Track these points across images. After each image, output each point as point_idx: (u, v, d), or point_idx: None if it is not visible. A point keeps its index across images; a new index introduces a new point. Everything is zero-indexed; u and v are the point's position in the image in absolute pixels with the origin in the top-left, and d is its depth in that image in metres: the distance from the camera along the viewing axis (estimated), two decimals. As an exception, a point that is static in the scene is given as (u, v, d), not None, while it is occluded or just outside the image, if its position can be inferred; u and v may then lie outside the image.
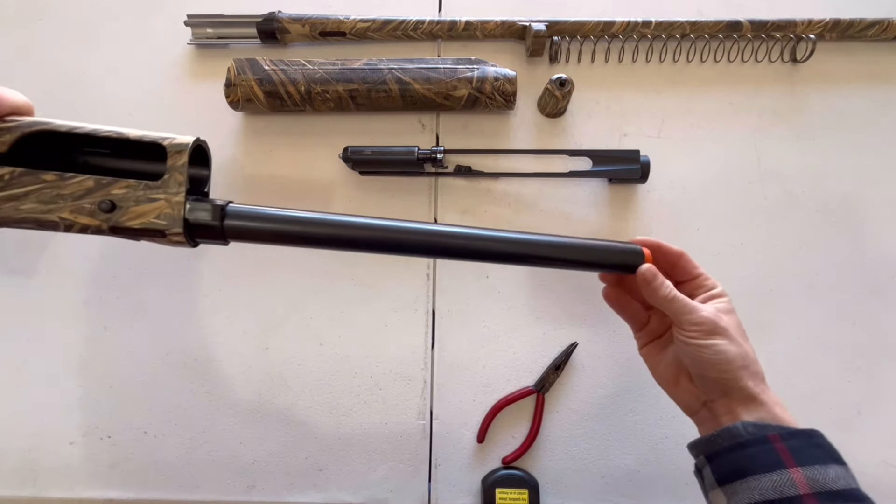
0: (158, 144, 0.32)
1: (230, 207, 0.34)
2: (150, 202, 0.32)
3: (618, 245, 0.41)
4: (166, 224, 0.32)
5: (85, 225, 0.32)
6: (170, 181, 0.32)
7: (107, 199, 0.32)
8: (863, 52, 0.59)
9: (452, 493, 0.52)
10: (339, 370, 0.53)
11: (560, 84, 0.53)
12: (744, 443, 0.36)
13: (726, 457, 0.36)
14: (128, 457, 0.52)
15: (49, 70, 0.60)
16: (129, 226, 0.32)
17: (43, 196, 0.31)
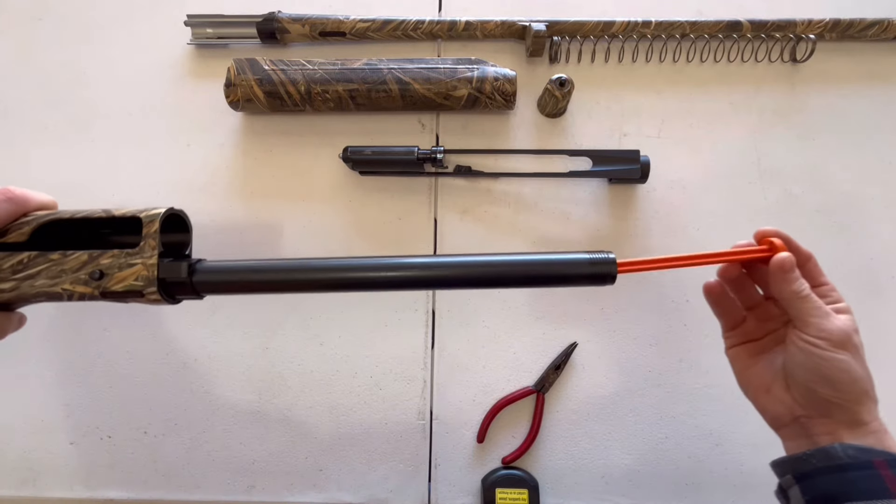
0: (136, 218, 0.37)
1: (199, 265, 0.38)
2: (130, 267, 0.37)
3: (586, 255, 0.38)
4: (143, 285, 0.37)
5: (82, 293, 0.37)
6: (145, 247, 0.37)
7: (96, 269, 0.37)
8: (863, 52, 0.59)
9: (452, 493, 0.52)
10: (339, 370, 0.53)
11: (560, 84, 0.53)
12: (843, 465, 0.32)
13: (821, 479, 0.33)
14: (128, 457, 0.52)
15: (49, 70, 0.60)
16: (115, 290, 0.37)
17: (50, 272, 0.37)
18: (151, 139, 0.58)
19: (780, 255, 0.38)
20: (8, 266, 0.37)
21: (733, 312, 0.42)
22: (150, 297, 0.37)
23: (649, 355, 0.53)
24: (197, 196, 0.56)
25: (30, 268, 0.37)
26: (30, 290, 0.37)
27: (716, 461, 0.52)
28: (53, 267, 0.37)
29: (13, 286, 0.37)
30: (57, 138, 0.58)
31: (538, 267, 0.38)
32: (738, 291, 0.42)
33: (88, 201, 0.57)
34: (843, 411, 0.34)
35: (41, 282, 0.37)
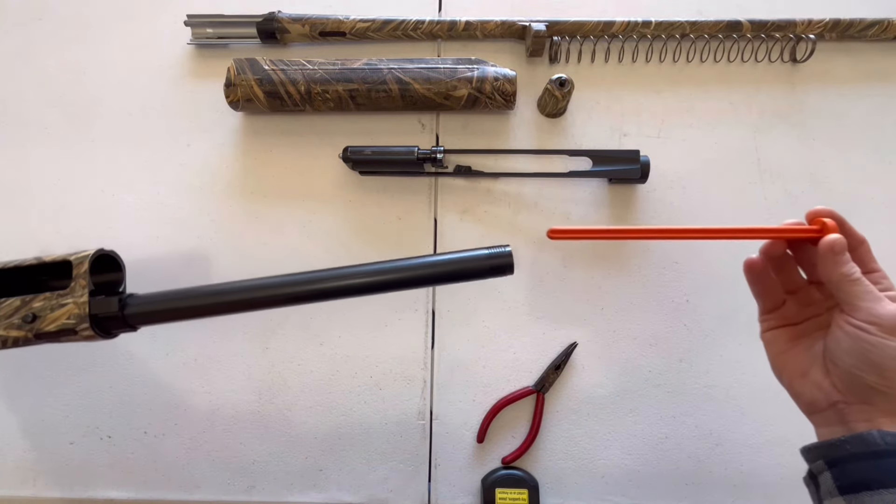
0: (66, 261, 0.39)
1: (130, 298, 0.39)
2: (62, 307, 0.38)
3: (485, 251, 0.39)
4: (75, 322, 0.38)
5: (16, 337, 0.38)
6: (76, 287, 0.38)
7: (29, 312, 0.38)
8: (863, 52, 0.59)
9: (452, 493, 0.52)
10: (339, 370, 0.53)
11: (560, 84, 0.53)
12: (879, 452, 0.31)
13: (855, 465, 0.32)
14: (128, 457, 0.52)
15: (49, 70, 0.60)
16: (48, 330, 0.38)
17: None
18: (151, 139, 0.58)
19: (830, 236, 0.36)
20: None
21: (773, 294, 0.41)
22: (83, 333, 0.38)
23: (649, 355, 0.53)
24: (197, 196, 0.56)
25: None
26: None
27: (716, 461, 0.52)
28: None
29: None
30: (57, 138, 0.59)
31: (443, 266, 0.40)
32: (779, 273, 0.41)
33: (88, 201, 0.57)
34: (887, 399, 0.33)
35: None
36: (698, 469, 0.52)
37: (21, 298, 0.39)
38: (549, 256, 0.54)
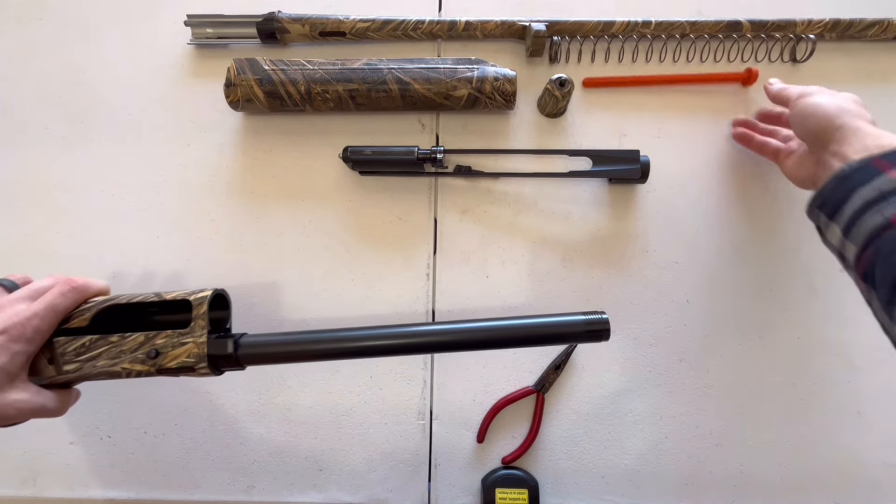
0: (186, 301, 0.41)
1: (242, 340, 0.41)
2: (182, 346, 0.40)
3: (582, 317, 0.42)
4: (195, 361, 0.40)
5: (139, 371, 0.40)
6: (195, 327, 0.40)
7: (153, 348, 0.40)
8: (863, 52, 0.59)
9: (452, 493, 0.52)
10: (339, 370, 0.53)
11: (560, 84, 0.53)
12: (847, 174, 0.37)
13: (832, 193, 0.38)
14: (128, 457, 0.53)
15: (49, 70, 0.60)
16: (169, 366, 0.40)
17: (110, 353, 0.40)
18: (151, 139, 0.58)
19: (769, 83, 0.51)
20: (72, 349, 0.40)
21: (766, 148, 0.53)
22: (200, 371, 0.40)
23: (649, 355, 0.53)
24: (197, 196, 0.56)
25: (92, 350, 0.40)
26: (92, 370, 0.40)
27: (716, 461, 0.52)
28: (113, 348, 0.40)
29: (77, 367, 0.40)
30: (57, 138, 0.58)
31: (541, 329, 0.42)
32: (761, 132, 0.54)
33: (88, 201, 0.57)
34: (836, 130, 0.41)
35: (102, 362, 0.40)
36: (698, 469, 0.52)
37: (145, 334, 0.41)
38: (549, 256, 0.54)
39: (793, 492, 0.51)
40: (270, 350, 0.41)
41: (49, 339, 0.40)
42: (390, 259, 0.55)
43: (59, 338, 0.40)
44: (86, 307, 0.41)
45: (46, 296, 0.40)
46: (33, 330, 0.38)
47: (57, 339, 0.40)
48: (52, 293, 0.40)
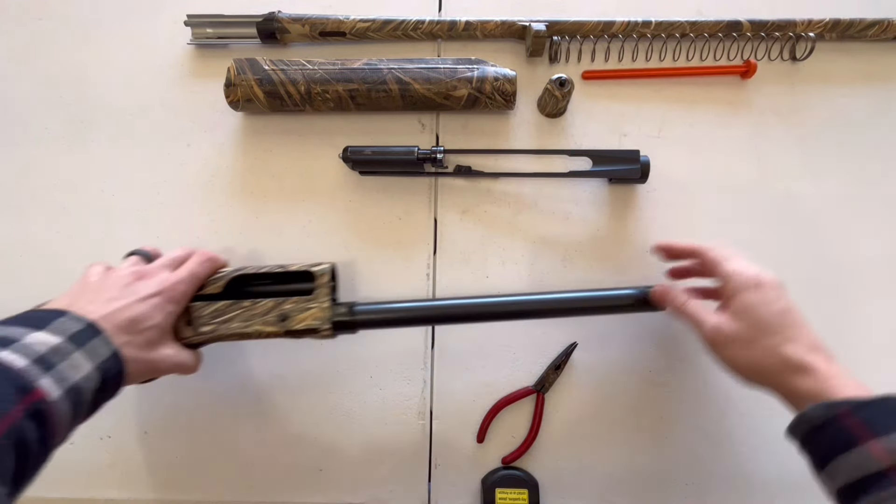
0: (309, 272, 0.46)
1: (356, 307, 0.47)
2: (308, 310, 0.45)
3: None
4: (319, 324, 0.45)
5: (269, 332, 0.45)
6: (319, 294, 0.46)
7: (281, 312, 0.45)
8: (863, 52, 0.59)
9: (452, 493, 0.52)
10: (339, 370, 0.53)
11: (560, 84, 0.53)
12: (819, 426, 0.35)
13: (814, 445, 0.36)
14: (128, 457, 0.52)
15: (49, 70, 0.60)
16: (296, 328, 0.45)
17: (243, 317, 0.45)
18: (151, 139, 0.58)
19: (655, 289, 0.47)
20: (207, 313, 0.45)
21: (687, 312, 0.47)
22: (323, 332, 0.45)
23: (649, 355, 0.53)
24: (197, 196, 0.56)
25: (226, 314, 0.45)
26: (226, 331, 0.45)
27: (716, 461, 0.52)
28: (245, 312, 0.45)
29: (212, 328, 0.45)
30: (57, 138, 0.58)
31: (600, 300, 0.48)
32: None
33: (88, 201, 0.57)
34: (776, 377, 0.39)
35: (235, 324, 0.45)
36: (698, 469, 0.52)
37: (274, 300, 0.45)
38: (549, 256, 0.54)
39: (793, 492, 0.51)
40: (380, 316, 0.47)
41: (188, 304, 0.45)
42: (390, 259, 0.55)
43: (195, 303, 0.45)
44: (218, 276, 0.46)
45: (188, 264, 0.45)
46: (181, 294, 0.43)
47: (193, 304, 0.45)
48: (192, 262, 0.45)
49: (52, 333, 0.34)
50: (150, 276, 0.43)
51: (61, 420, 0.33)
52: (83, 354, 0.35)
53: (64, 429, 0.34)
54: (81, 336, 0.35)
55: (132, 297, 0.41)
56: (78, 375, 0.34)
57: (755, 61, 0.57)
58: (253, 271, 0.47)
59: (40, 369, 0.32)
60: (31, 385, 0.31)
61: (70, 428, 0.35)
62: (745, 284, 0.41)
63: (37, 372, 0.32)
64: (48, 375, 0.32)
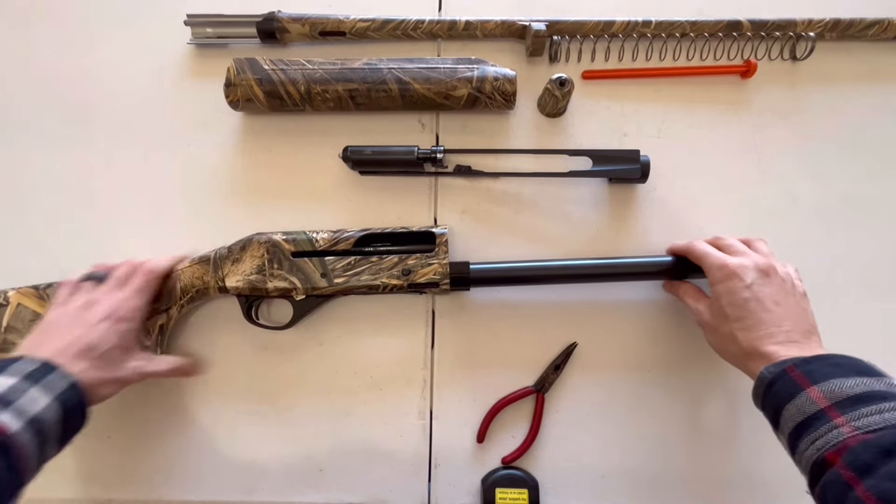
0: (430, 232, 0.51)
1: (472, 266, 0.50)
2: (429, 266, 0.49)
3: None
4: (439, 279, 0.49)
5: (394, 285, 0.49)
6: (438, 252, 0.50)
7: (406, 267, 0.49)
8: (863, 51, 0.59)
9: (452, 493, 0.52)
10: (339, 370, 0.53)
11: (560, 84, 0.53)
12: (769, 382, 0.39)
13: (767, 402, 0.40)
14: (128, 457, 0.52)
15: (49, 70, 0.60)
16: (419, 282, 0.49)
17: (371, 270, 0.50)
18: (151, 139, 0.58)
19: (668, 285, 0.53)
20: (340, 266, 0.50)
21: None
22: (443, 287, 0.49)
23: (649, 355, 0.53)
24: (197, 196, 0.56)
25: (356, 267, 0.50)
26: (357, 283, 0.49)
27: (716, 461, 0.52)
28: (373, 266, 0.50)
29: (345, 280, 0.50)
30: (56, 138, 0.58)
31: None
32: None
33: (88, 201, 0.57)
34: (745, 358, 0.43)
35: (365, 277, 0.49)
36: (698, 469, 0.52)
37: (398, 256, 0.50)
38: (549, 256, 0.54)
39: (793, 492, 0.51)
40: (492, 274, 0.51)
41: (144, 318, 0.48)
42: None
43: (329, 257, 0.50)
44: (348, 234, 0.50)
45: (133, 280, 0.47)
46: (132, 309, 0.46)
47: (327, 258, 0.50)
48: (136, 278, 0.47)
49: (8, 376, 0.37)
50: (99, 301, 0.45)
51: (25, 451, 0.35)
52: (40, 389, 0.37)
53: (32, 459, 0.36)
54: (37, 374, 0.38)
55: (84, 326, 0.43)
56: (36, 408, 0.36)
57: (755, 61, 0.57)
58: (378, 231, 0.51)
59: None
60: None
61: (40, 458, 0.37)
62: (716, 277, 0.45)
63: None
64: (7, 411, 0.35)
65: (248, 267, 0.50)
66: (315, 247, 0.50)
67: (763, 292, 0.43)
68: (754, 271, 0.44)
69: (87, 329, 0.43)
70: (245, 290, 0.50)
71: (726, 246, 0.48)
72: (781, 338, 0.41)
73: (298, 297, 0.50)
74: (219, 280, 0.50)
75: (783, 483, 0.51)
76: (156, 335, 0.50)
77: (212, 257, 0.51)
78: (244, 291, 0.50)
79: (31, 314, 0.49)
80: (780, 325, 0.42)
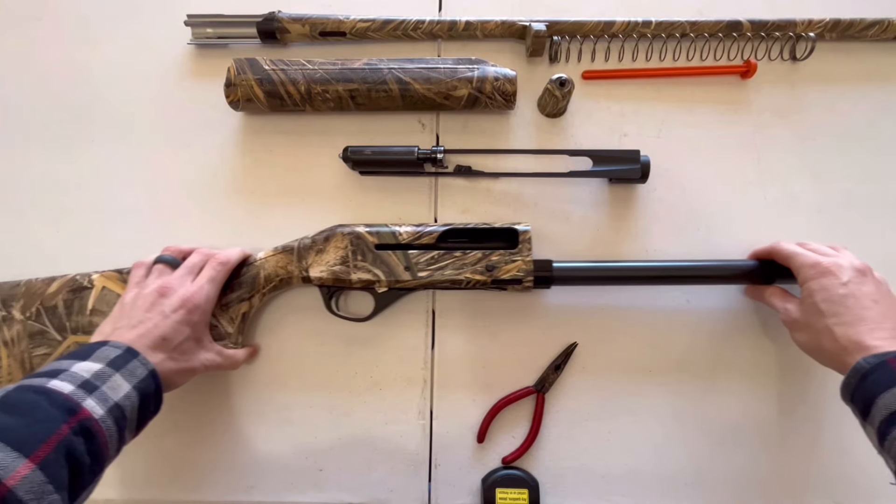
0: (513, 229, 0.50)
1: (554, 264, 0.50)
2: (512, 263, 0.49)
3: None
4: (523, 275, 0.49)
5: (478, 280, 0.49)
6: (522, 249, 0.49)
7: (489, 263, 0.49)
8: (863, 52, 0.59)
9: (452, 493, 0.52)
10: (339, 370, 0.53)
11: (560, 84, 0.53)
12: (865, 373, 0.39)
13: (858, 393, 0.39)
14: (128, 457, 0.52)
15: (49, 70, 0.60)
16: (502, 278, 0.49)
17: (455, 265, 0.50)
18: (151, 139, 0.58)
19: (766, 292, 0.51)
20: (424, 260, 0.50)
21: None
22: (526, 284, 0.49)
23: (649, 355, 0.53)
24: (197, 196, 0.56)
25: (440, 262, 0.50)
26: (440, 277, 0.49)
27: (716, 461, 0.52)
28: (457, 261, 0.50)
29: (429, 274, 0.49)
30: (57, 138, 0.58)
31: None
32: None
33: (88, 201, 0.57)
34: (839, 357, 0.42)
35: (448, 271, 0.49)
36: (698, 469, 0.52)
37: (482, 252, 0.49)
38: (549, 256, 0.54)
39: (793, 492, 0.51)
40: (575, 273, 0.51)
41: None
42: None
43: (412, 250, 0.50)
44: (431, 228, 0.51)
45: (205, 271, 0.48)
46: (205, 299, 0.46)
47: (411, 252, 0.50)
48: (207, 268, 0.48)
49: (95, 361, 0.38)
50: (173, 290, 0.46)
51: (108, 435, 0.36)
52: (122, 376, 0.39)
53: (112, 443, 0.37)
54: (119, 360, 0.39)
55: (159, 316, 0.44)
56: (119, 395, 0.38)
57: (755, 61, 0.57)
58: (460, 226, 0.51)
59: (85, 392, 0.36)
60: (77, 406, 0.35)
61: (119, 443, 0.38)
62: (808, 274, 0.45)
63: (82, 394, 0.36)
64: (92, 397, 0.36)
65: (331, 258, 0.50)
66: (398, 240, 0.50)
67: (861, 290, 0.43)
68: (850, 270, 0.44)
69: (161, 318, 0.44)
70: (328, 280, 0.50)
71: (814, 249, 0.48)
72: (885, 333, 0.41)
73: (381, 289, 0.50)
74: (303, 270, 0.50)
75: (783, 483, 0.51)
76: (238, 322, 0.50)
77: (295, 247, 0.51)
78: (327, 282, 0.50)
79: (114, 297, 0.49)
80: (882, 323, 0.41)
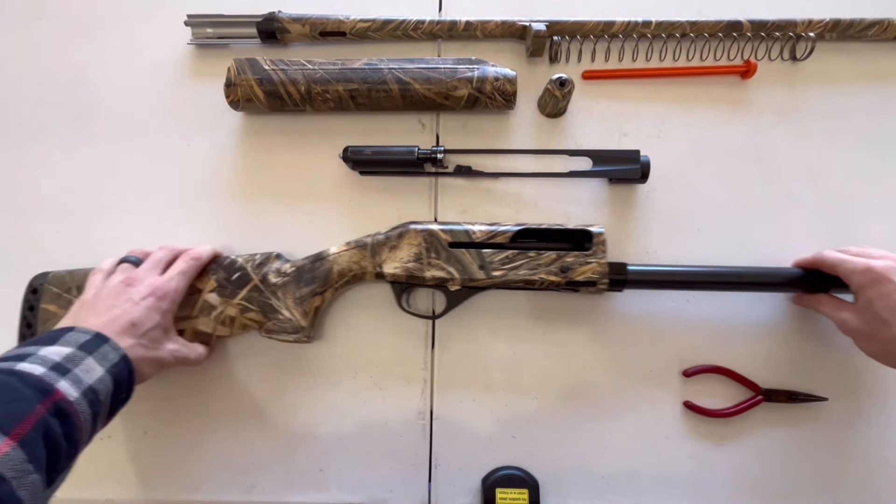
0: (587, 231, 0.50)
1: (629, 267, 0.49)
2: (587, 265, 0.49)
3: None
4: (598, 277, 0.48)
5: (552, 282, 0.49)
6: (596, 252, 0.49)
7: (564, 264, 0.49)
8: (863, 52, 0.59)
9: (452, 493, 0.52)
10: (339, 370, 0.53)
11: (560, 84, 0.53)
12: None
13: None
14: (128, 457, 0.52)
15: (49, 70, 0.60)
16: (577, 279, 0.48)
17: (529, 265, 0.49)
18: (151, 139, 0.58)
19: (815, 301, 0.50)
20: (498, 259, 0.49)
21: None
22: (600, 287, 0.49)
23: (649, 355, 0.53)
24: (197, 196, 0.56)
25: (514, 261, 0.49)
26: (514, 276, 0.49)
27: (716, 461, 0.52)
28: (531, 262, 0.49)
29: (503, 273, 0.49)
30: (57, 138, 0.59)
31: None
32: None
33: (88, 201, 0.57)
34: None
35: (523, 271, 0.49)
36: (698, 469, 0.52)
37: (556, 253, 0.49)
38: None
39: (793, 491, 0.51)
40: (650, 277, 0.50)
41: None
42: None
43: (486, 249, 0.50)
44: (505, 228, 0.50)
45: (177, 264, 0.48)
46: (174, 290, 0.46)
47: (484, 251, 0.49)
48: (180, 262, 0.48)
49: (63, 345, 0.37)
50: (140, 280, 0.45)
51: (83, 419, 0.35)
52: (95, 360, 0.38)
53: (87, 428, 0.36)
54: (90, 344, 0.39)
55: (127, 303, 0.43)
56: (92, 378, 0.37)
57: (755, 61, 0.57)
58: (534, 227, 0.51)
59: (57, 374, 0.35)
60: (51, 387, 0.34)
61: (92, 428, 0.37)
62: (861, 282, 0.44)
63: (55, 376, 0.35)
64: (65, 379, 0.35)
65: (405, 254, 0.50)
66: (472, 239, 0.50)
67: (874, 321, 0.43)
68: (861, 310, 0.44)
69: (130, 305, 0.43)
70: (402, 276, 0.50)
71: (858, 252, 0.47)
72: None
73: (454, 287, 0.50)
74: (376, 266, 0.50)
75: (783, 483, 0.51)
76: (311, 317, 0.50)
77: (368, 243, 0.51)
78: (401, 278, 0.50)
79: None
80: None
